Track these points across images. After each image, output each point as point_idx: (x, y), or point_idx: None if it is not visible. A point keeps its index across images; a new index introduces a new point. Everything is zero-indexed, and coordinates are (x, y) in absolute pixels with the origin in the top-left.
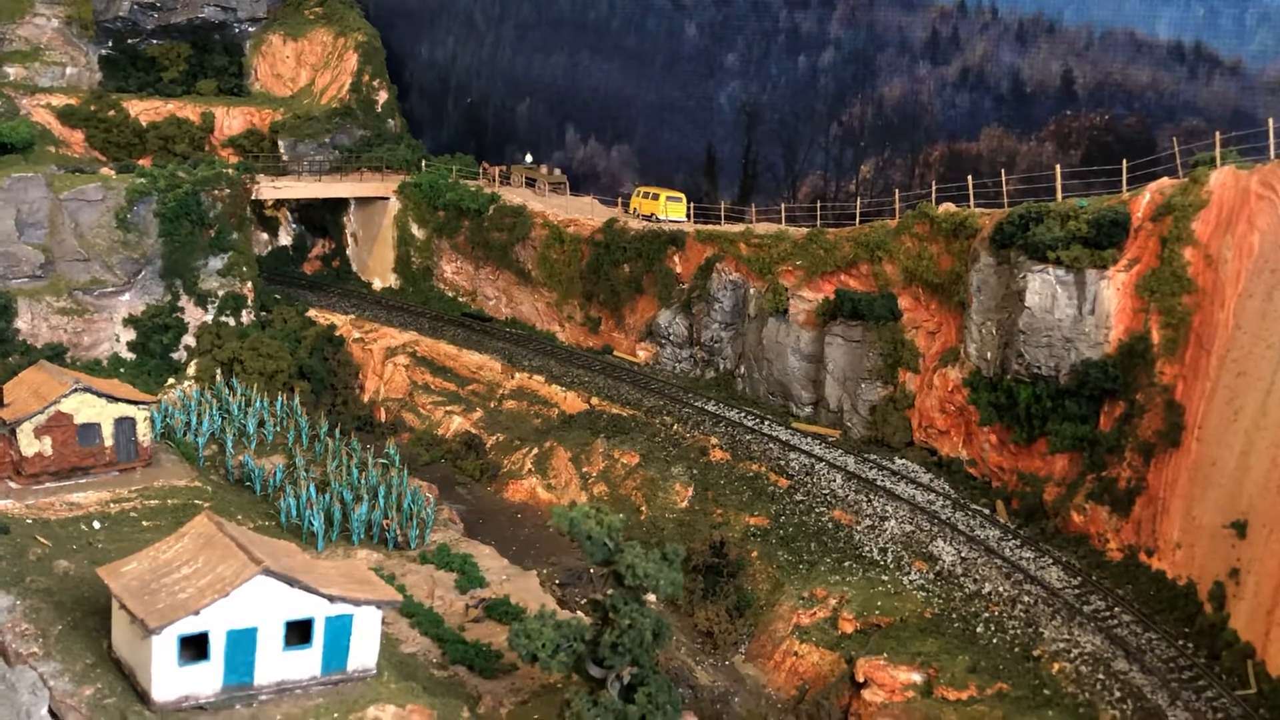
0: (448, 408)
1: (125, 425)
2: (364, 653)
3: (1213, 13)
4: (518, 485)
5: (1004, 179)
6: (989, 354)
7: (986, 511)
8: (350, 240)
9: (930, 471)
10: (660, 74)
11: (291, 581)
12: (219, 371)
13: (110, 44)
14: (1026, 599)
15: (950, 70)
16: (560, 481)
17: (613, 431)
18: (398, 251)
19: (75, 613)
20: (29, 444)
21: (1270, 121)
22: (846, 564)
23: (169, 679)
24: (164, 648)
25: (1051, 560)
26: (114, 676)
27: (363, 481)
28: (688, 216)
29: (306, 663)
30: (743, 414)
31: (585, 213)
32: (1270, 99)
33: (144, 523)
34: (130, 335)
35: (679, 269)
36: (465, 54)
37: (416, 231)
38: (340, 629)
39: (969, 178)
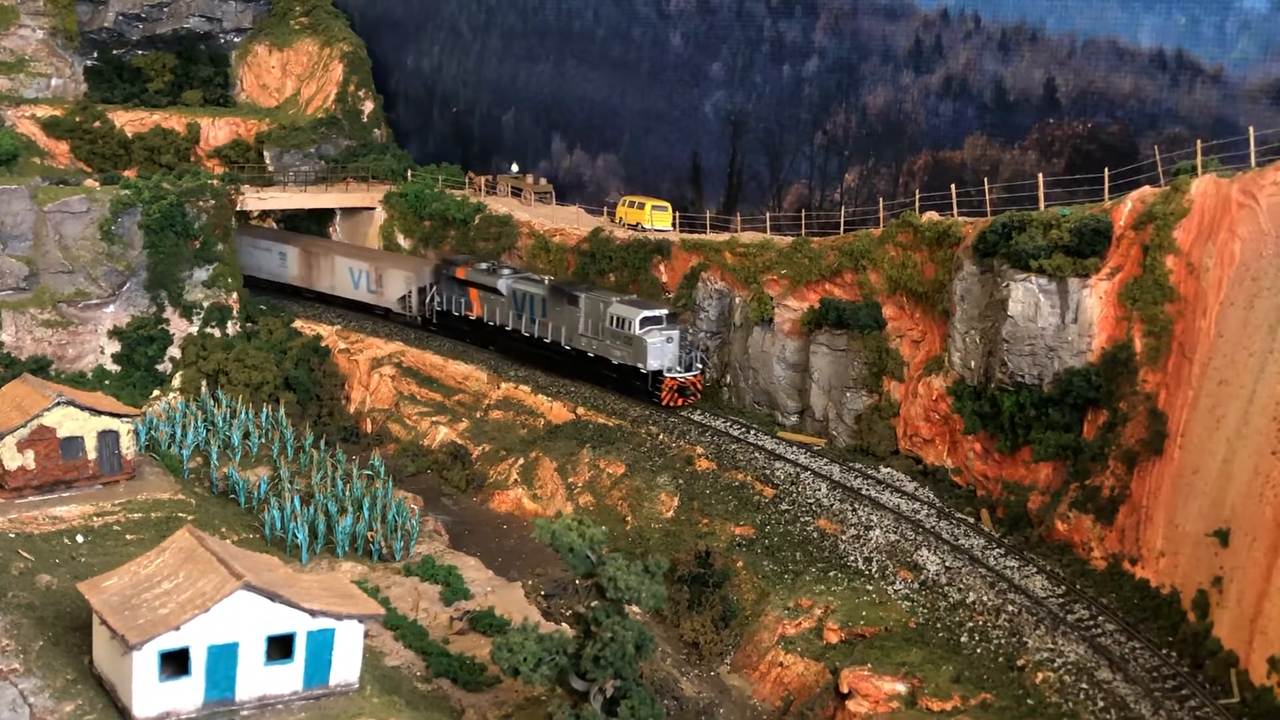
0: (433, 418)
1: (109, 438)
2: (346, 667)
3: (1194, 21)
4: (503, 496)
5: (987, 187)
6: (973, 363)
7: (971, 520)
8: None
9: (915, 480)
10: (646, 83)
11: (273, 596)
12: (204, 383)
13: (95, 55)
14: (1011, 608)
15: (934, 79)
16: (546, 492)
17: (598, 441)
18: None
19: (56, 628)
20: (11, 458)
21: (1251, 129)
22: (831, 573)
23: (150, 695)
24: (145, 663)
25: (1035, 569)
26: (95, 692)
27: (347, 493)
28: (673, 225)
29: (288, 677)
30: (728, 423)
31: (571, 222)
32: (1251, 107)
33: (127, 536)
34: (115, 347)
35: (665, 278)
36: (451, 63)
37: (402, 241)
38: (322, 643)
39: (952, 186)
